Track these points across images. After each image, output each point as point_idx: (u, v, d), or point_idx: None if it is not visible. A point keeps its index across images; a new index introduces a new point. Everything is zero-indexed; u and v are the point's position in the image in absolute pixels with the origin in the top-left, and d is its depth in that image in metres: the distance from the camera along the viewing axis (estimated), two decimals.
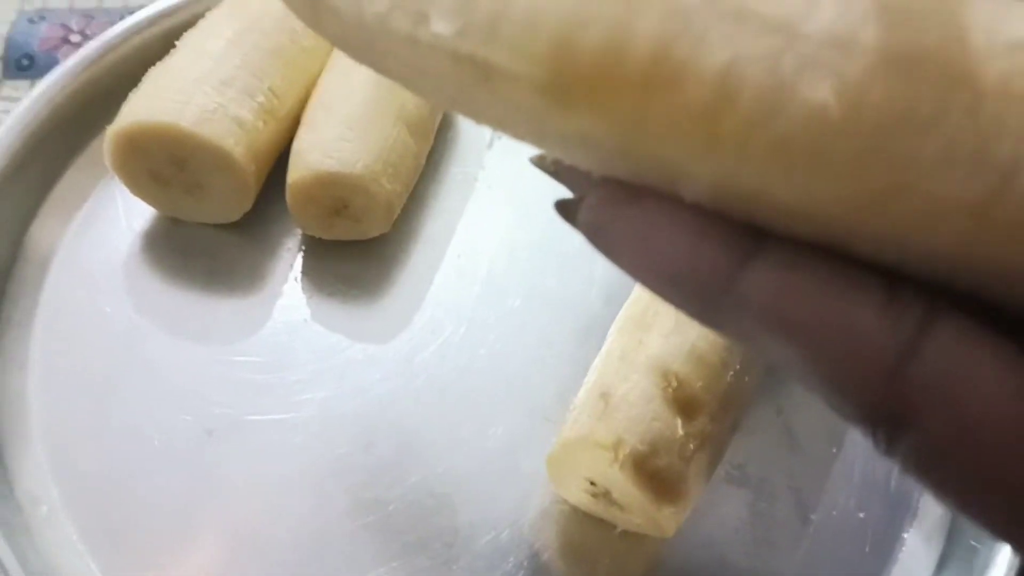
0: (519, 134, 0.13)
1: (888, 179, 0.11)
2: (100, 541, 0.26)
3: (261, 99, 0.31)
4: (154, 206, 0.32)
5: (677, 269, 0.12)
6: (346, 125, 0.30)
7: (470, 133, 0.37)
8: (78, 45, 0.39)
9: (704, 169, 0.12)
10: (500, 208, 0.34)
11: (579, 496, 0.26)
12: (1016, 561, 0.25)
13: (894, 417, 0.12)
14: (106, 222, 0.33)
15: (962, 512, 0.12)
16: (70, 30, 0.40)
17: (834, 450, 0.29)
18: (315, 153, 0.30)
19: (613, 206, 0.13)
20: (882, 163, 0.11)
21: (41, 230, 0.32)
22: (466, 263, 0.33)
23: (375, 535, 0.26)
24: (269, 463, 0.27)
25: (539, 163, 0.16)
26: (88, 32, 0.40)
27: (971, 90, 0.10)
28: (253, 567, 0.25)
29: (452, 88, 0.13)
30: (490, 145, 0.36)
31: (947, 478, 0.12)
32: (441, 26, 0.12)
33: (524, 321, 0.31)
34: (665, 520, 0.24)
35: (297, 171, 0.30)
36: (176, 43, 0.32)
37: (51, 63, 0.38)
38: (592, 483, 0.25)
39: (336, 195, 0.30)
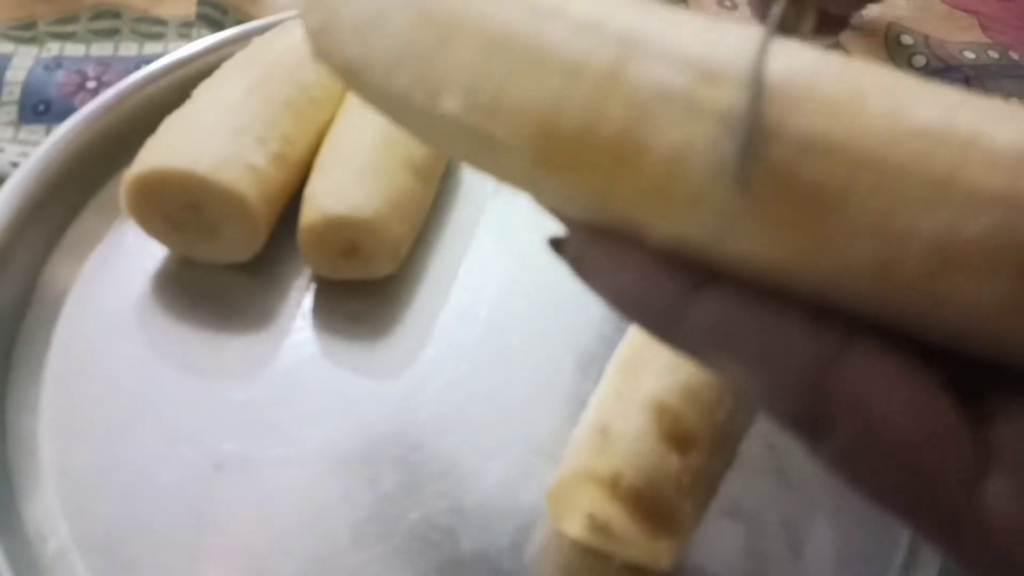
0: (517, 187, 0.17)
1: (809, 244, 0.13)
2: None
3: (274, 147, 0.32)
4: (167, 246, 0.33)
5: (638, 297, 0.15)
6: (356, 171, 0.32)
7: (473, 181, 0.38)
8: (94, 91, 0.40)
9: (660, 225, 0.14)
10: (500, 252, 0.36)
11: (578, 530, 0.26)
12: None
13: (816, 423, 0.14)
14: (119, 263, 0.34)
15: (873, 503, 0.15)
16: (86, 77, 0.41)
17: (826, 485, 0.29)
18: (327, 197, 0.31)
19: (590, 243, 0.16)
20: (804, 231, 0.13)
21: (55, 271, 0.33)
22: (468, 304, 0.34)
23: (379, 569, 0.27)
24: (276, 499, 0.28)
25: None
26: (104, 79, 0.41)
27: (876, 171, 0.13)
28: None
29: (461, 150, 0.17)
30: (496, 192, 0.38)
31: (859, 475, 0.14)
32: (451, 104, 0.15)
33: (523, 359, 0.32)
34: (662, 553, 0.24)
35: (309, 215, 0.31)
36: (191, 92, 0.34)
37: (67, 109, 0.39)
38: (591, 517, 0.25)
39: (347, 237, 0.31)
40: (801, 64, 0.13)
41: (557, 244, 0.17)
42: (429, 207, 0.35)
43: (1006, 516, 0.13)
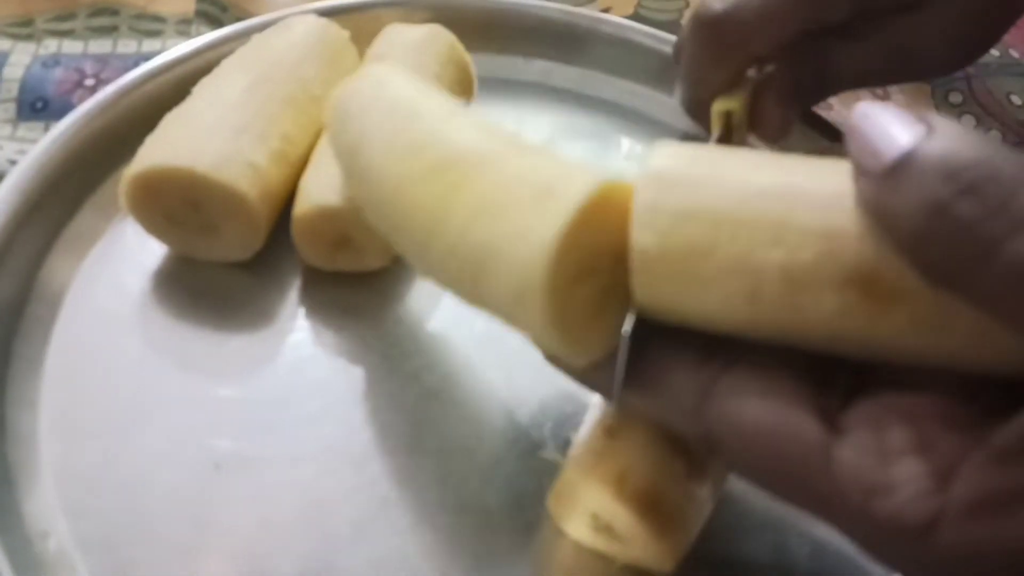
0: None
1: (695, 286, 0.18)
2: (108, 575, 0.26)
3: (275, 144, 0.32)
4: (166, 244, 0.33)
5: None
6: None
7: None
8: (92, 89, 0.40)
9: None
10: None
11: (581, 530, 0.26)
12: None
13: (708, 440, 0.18)
14: (118, 261, 0.34)
15: (770, 496, 0.18)
16: (84, 74, 0.41)
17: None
18: (320, 189, 0.31)
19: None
20: (689, 277, 0.18)
21: (54, 269, 0.33)
22: (460, 303, 0.34)
23: (379, 568, 0.26)
24: (275, 497, 0.28)
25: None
26: (102, 77, 0.41)
27: (732, 224, 0.18)
28: None
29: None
30: None
31: (749, 475, 0.19)
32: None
33: (523, 360, 0.32)
34: (665, 555, 0.24)
35: (302, 205, 0.31)
36: (191, 90, 0.33)
37: (65, 106, 0.39)
38: (595, 517, 0.25)
39: (339, 229, 0.31)
40: (679, 157, 0.19)
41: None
42: None
43: (853, 476, 0.16)
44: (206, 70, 0.34)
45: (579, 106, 0.42)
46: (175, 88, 0.35)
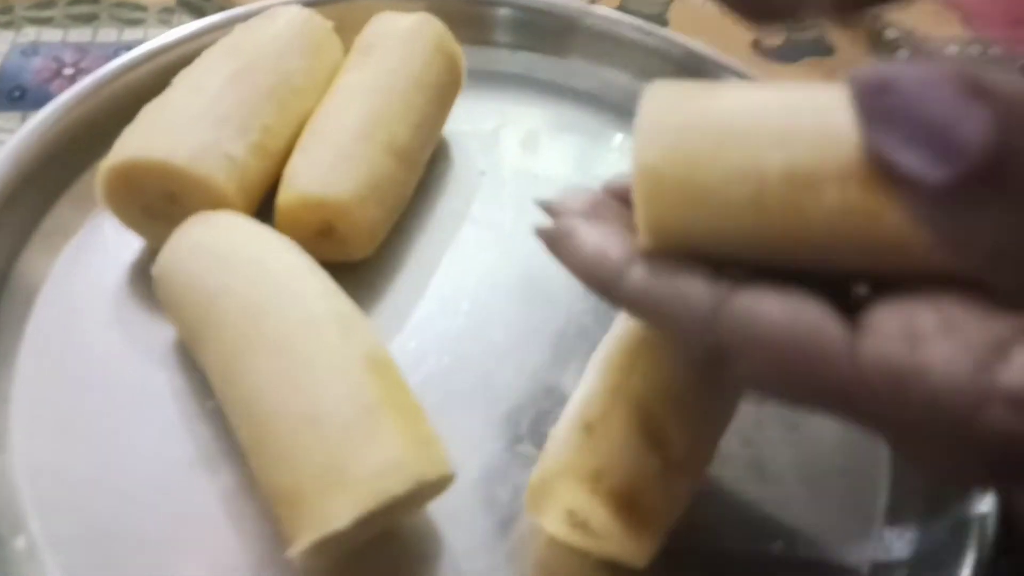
0: None
1: (706, 198, 0.18)
2: (80, 572, 0.26)
3: (255, 136, 0.32)
4: (145, 239, 0.33)
5: (591, 270, 0.20)
6: (336, 153, 0.32)
7: (462, 168, 0.38)
8: (71, 78, 0.40)
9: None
10: (485, 244, 0.35)
11: (556, 526, 0.26)
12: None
13: (721, 351, 0.18)
14: (94, 255, 0.33)
15: (787, 404, 0.18)
16: (63, 63, 0.41)
17: (801, 480, 0.29)
18: (304, 177, 0.31)
19: (566, 227, 0.21)
20: (697, 190, 0.18)
21: (28, 263, 0.33)
22: (449, 296, 0.34)
23: (359, 564, 0.26)
24: (251, 494, 0.28)
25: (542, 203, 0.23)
26: (82, 66, 0.40)
27: (736, 135, 0.18)
28: None
29: None
30: (482, 180, 0.38)
31: (766, 383, 0.18)
32: None
33: (504, 353, 0.32)
34: (639, 550, 0.24)
35: (286, 193, 0.31)
36: (172, 81, 0.33)
37: (43, 96, 0.38)
38: (571, 513, 0.25)
39: (322, 218, 0.31)
40: (678, 85, 0.19)
41: (542, 232, 0.21)
42: (412, 192, 0.35)
43: (882, 363, 0.16)
44: (188, 60, 0.34)
45: (565, 99, 0.42)
46: (156, 79, 0.35)
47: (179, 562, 0.26)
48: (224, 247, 0.28)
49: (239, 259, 0.28)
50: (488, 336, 0.32)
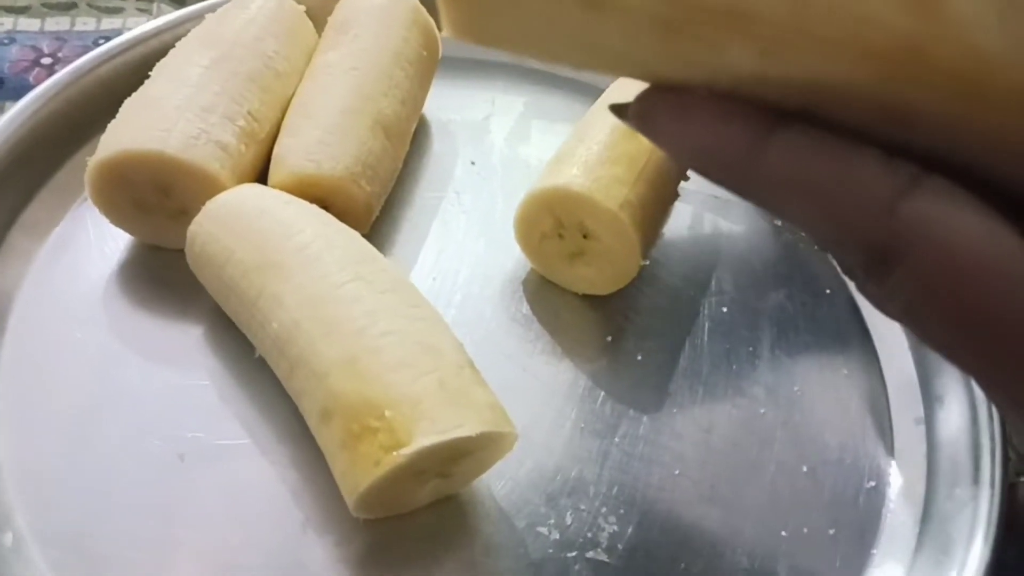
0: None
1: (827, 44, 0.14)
2: (69, 569, 0.25)
3: (242, 123, 0.31)
4: (134, 234, 0.32)
5: (707, 149, 0.15)
6: (325, 130, 0.31)
7: (452, 158, 0.37)
8: (49, 68, 0.39)
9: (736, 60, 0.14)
10: (475, 233, 0.35)
11: (537, 244, 0.32)
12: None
13: (888, 252, 0.14)
14: (77, 248, 0.32)
15: (942, 351, 0.15)
16: (41, 52, 0.40)
17: (804, 469, 0.29)
18: (296, 157, 0.31)
19: (658, 98, 0.16)
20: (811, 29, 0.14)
21: (8, 257, 0.32)
22: (440, 287, 0.33)
23: (349, 553, 0.26)
24: (241, 487, 0.27)
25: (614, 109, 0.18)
26: (60, 55, 0.40)
27: None
28: None
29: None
30: (473, 163, 0.37)
31: (930, 314, 0.14)
32: None
33: (498, 348, 0.31)
34: (630, 248, 0.30)
35: (278, 174, 0.31)
36: (150, 73, 0.32)
37: (21, 85, 0.37)
38: (558, 222, 0.30)
39: (317, 196, 0.30)
40: None
41: (618, 109, 0.17)
42: (401, 165, 0.35)
43: None
44: (165, 52, 0.33)
45: (553, 86, 0.41)
46: (135, 70, 0.34)
47: (172, 558, 0.26)
48: (279, 203, 0.29)
49: (304, 209, 0.29)
50: (479, 327, 0.32)
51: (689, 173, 0.34)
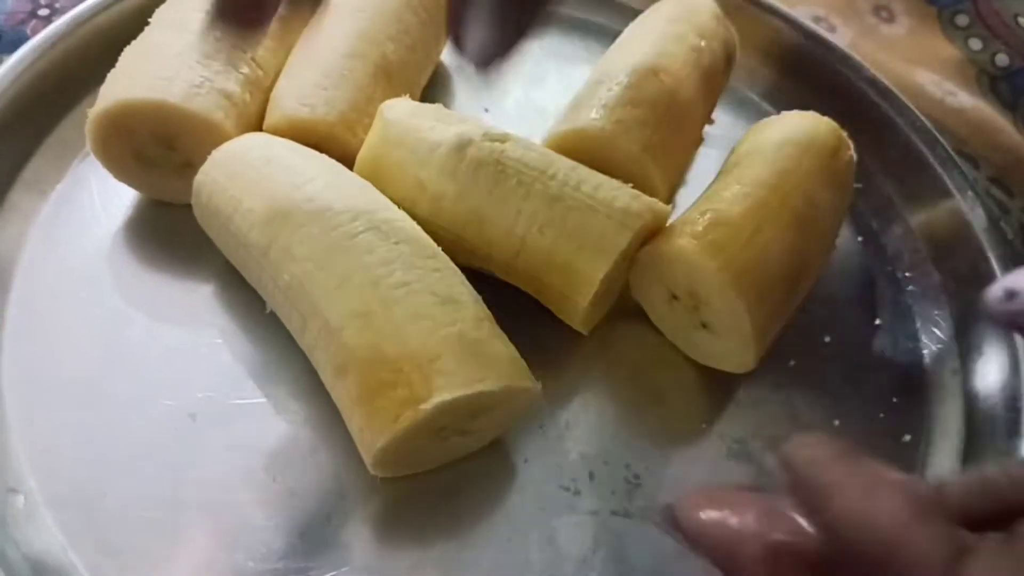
0: None
1: None
2: (80, 531, 0.25)
3: (246, 70, 0.30)
4: (138, 189, 0.31)
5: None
6: (323, 73, 0.30)
7: (465, 105, 0.36)
8: (47, 19, 0.37)
9: None
10: None
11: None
12: None
13: None
14: (80, 206, 0.31)
15: None
16: (38, 3, 0.38)
17: (836, 423, 0.28)
18: (290, 100, 0.29)
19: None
20: None
21: (10, 214, 0.31)
22: None
23: (361, 513, 0.25)
24: (252, 447, 0.26)
25: None
26: (57, 6, 0.38)
27: None
28: (239, 554, 0.25)
29: None
30: (486, 110, 0.36)
31: None
32: None
33: (514, 298, 0.30)
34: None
35: (272, 117, 0.29)
36: (150, 20, 0.31)
37: (18, 38, 0.36)
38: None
39: (310, 142, 0.29)
40: None
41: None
42: None
43: None
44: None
45: (572, 31, 0.39)
46: (135, 16, 0.32)
47: (183, 518, 0.25)
48: (287, 151, 0.28)
49: (314, 157, 0.28)
50: (493, 281, 0.31)
51: (713, 116, 0.32)
